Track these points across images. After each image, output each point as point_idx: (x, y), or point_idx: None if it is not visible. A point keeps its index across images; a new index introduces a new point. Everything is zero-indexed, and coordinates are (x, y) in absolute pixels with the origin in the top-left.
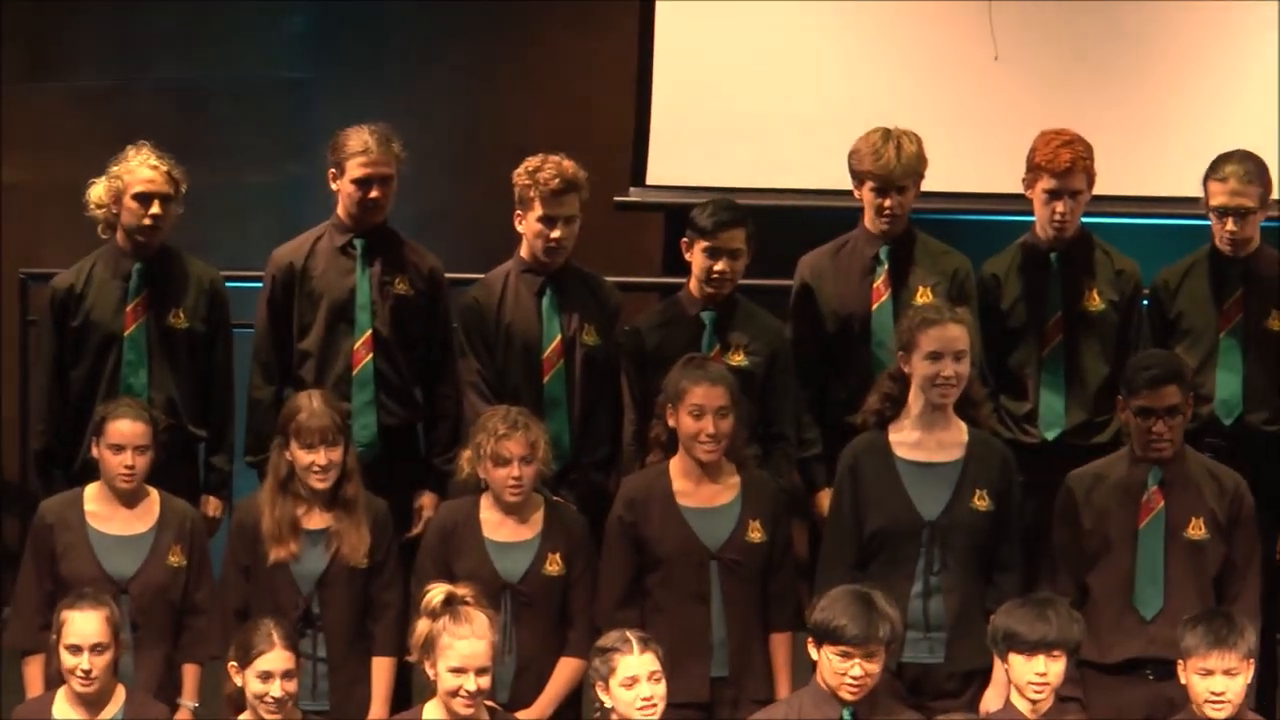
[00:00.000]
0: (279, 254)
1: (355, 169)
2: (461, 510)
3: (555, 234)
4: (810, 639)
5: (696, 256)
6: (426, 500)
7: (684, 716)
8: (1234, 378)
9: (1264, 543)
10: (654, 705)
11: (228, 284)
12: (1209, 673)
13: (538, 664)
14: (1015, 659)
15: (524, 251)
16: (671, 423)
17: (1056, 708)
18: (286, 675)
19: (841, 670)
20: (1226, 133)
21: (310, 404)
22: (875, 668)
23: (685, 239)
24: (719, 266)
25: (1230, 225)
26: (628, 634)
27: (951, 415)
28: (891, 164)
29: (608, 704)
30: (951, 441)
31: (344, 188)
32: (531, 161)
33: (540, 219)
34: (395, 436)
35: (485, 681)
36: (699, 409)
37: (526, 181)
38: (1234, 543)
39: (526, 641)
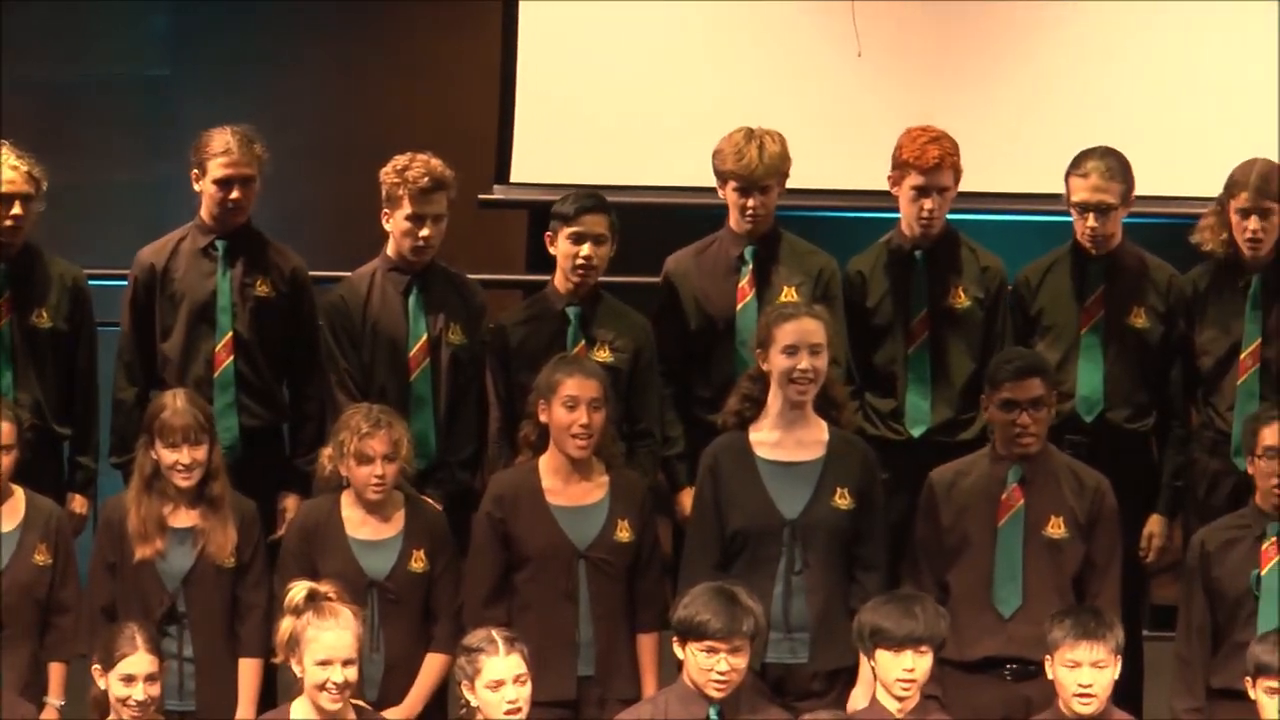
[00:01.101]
0: (141, 255)
1: (217, 170)
2: (322, 509)
3: (423, 233)
4: (675, 637)
5: (561, 245)
6: (290, 502)
7: (550, 715)
8: (1095, 375)
9: (1126, 539)
10: (519, 709)
11: (95, 283)
12: (1076, 665)
13: (405, 661)
14: (882, 655)
15: (391, 250)
16: (544, 418)
17: (921, 705)
18: (149, 679)
19: (707, 666)
20: (1091, 128)
21: (174, 403)
22: (741, 663)
23: (549, 231)
24: (584, 252)
25: (1092, 222)
26: (494, 634)
27: (812, 414)
28: (754, 164)
29: (473, 702)
30: (812, 440)
31: (206, 189)
32: (400, 160)
33: (408, 217)
34: (258, 438)
35: (352, 673)
36: (573, 400)
37: (395, 180)
38: (1094, 542)
39: (393, 639)
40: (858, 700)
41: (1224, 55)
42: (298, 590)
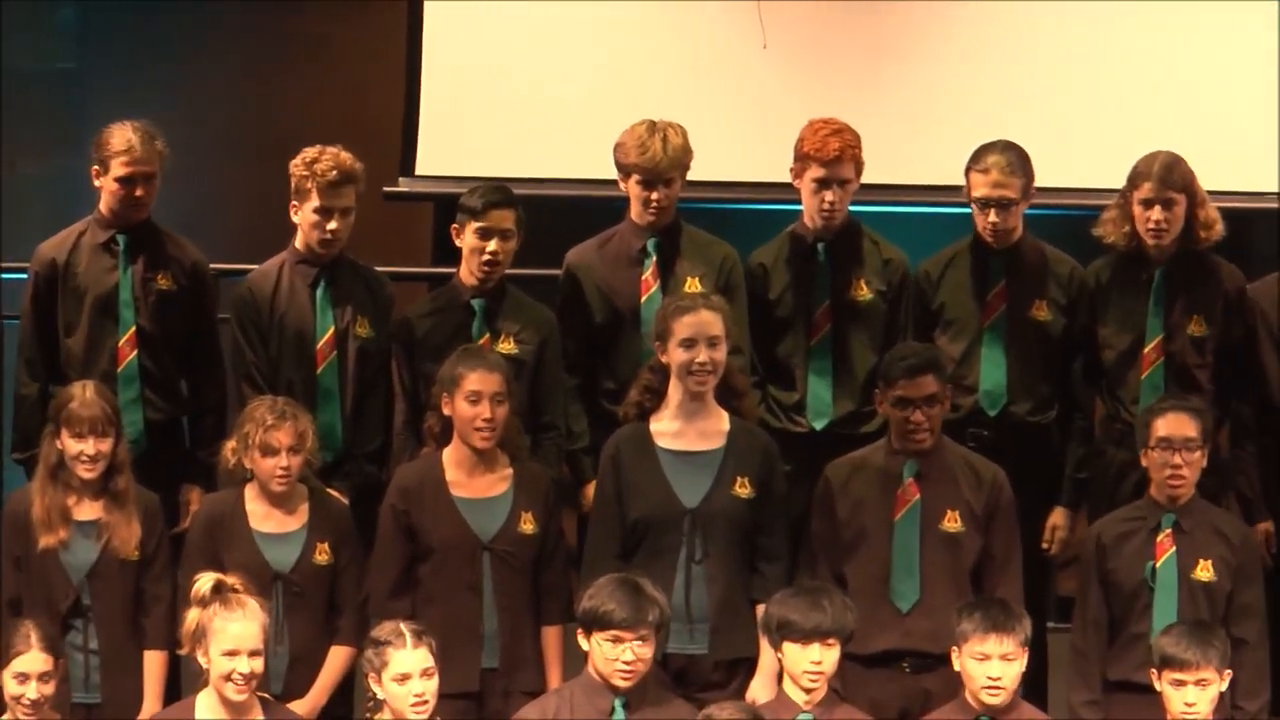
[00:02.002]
0: (42, 250)
1: (118, 167)
2: (226, 502)
3: (331, 225)
4: (580, 629)
5: (467, 239)
6: (192, 495)
7: (455, 707)
8: (997, 369)
9: (1030, 533)
10: (425, 702)
11: (2, 275)
12: (985, 657)
13: (310, 654)
14: (789, 648)
15: (299, 243)
16: (447, 411)
17: (828, 697)
18: (43, 678)
19: (613, 656)
20: (993, 121)
21: (83, 394)
22: (647, 652)
23: (456, 224)
24: (490, 247)
25: (992, 216)
26: (402, 627)
27: (712, 404)
28: (657, 157)
29: (380, 695)
30: (712, 430)
31: (107, 185)
32: (309, 153)
33: (316, 210)
34: (161, 431)
35: (258, 665)
36: (475, 395)
37: (303, 173)
38: (992, 535)
39: (298, 632)
40: (757, 691)
41: (1123, 48)
42: (204, 581)
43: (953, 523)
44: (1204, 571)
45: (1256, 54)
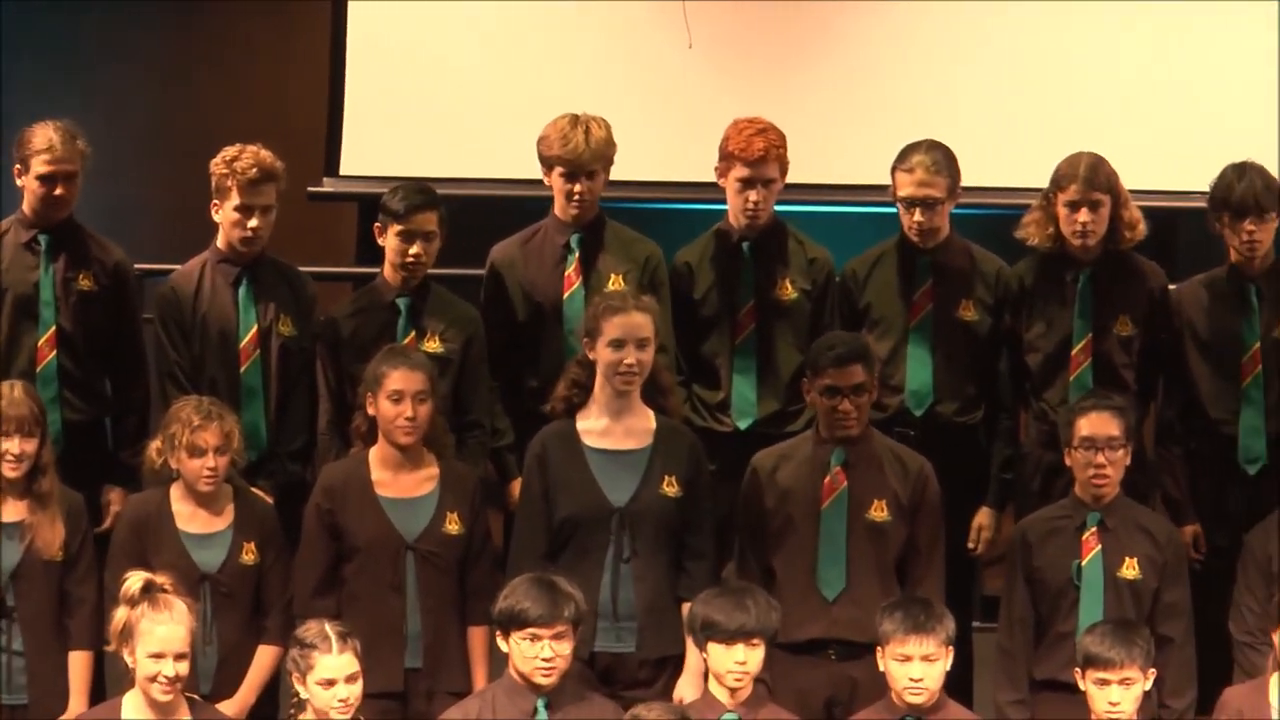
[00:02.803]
0: None
1: (39, 166)
2: (151, 503)
3: (252, 224)
4: (498, 631)
5: (390, 241)
6: (114, 495)
7: (378, 706)
8: (924, 368)
9: (956, 532)
10: (350, 706)
11: None
12: (907, 658)
13: (238, 654)
14: (714, 648)
15: (220, 242)
16: (371, 410)
17: (754, 696)
18: None
19: (532, 654)
20: (920, 120)
21: (11, 392)
22: (565, 649)
23: (378, 224)
24: (413, 250)
25: (918, 216)
26: (328, 629)
27: (638, 403)
28: (580, 148)
29: (304, 695)
30: (639, 429)
31: (28, 184)
32: (229, 151)
33: (237, 208)
34: (81, 432)
35: (183, 667)
36: (398, 394)
37: (224, 171)
38: (917, 525)
39: (227, 632)
40: (684, 689)
41: (1048, 47)
42: (134, 581)
43: (879, 512)
44: (1130, 570)
45: (1179, 50)
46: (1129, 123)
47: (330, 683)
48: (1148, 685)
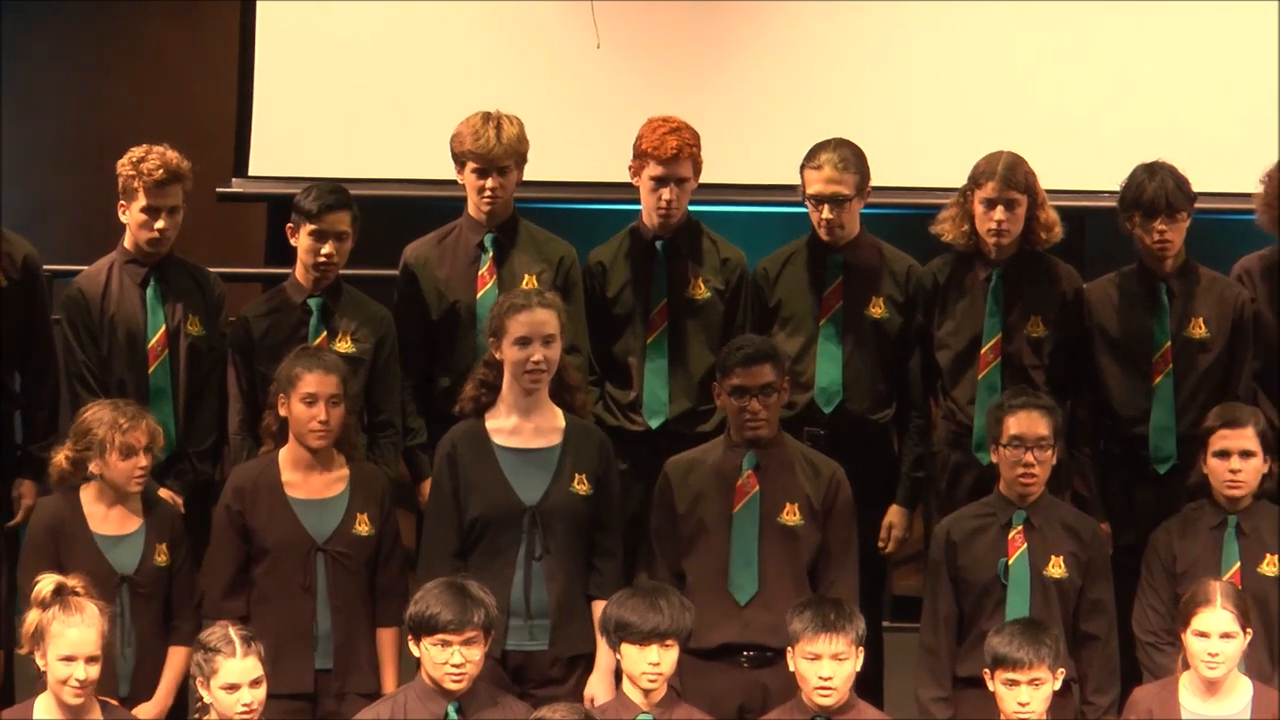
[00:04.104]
0: None
1: None
2: (64, 507)
3: (158, 224)
4: (410, 635)
5: (303, 241)
6: (25, 488)
7: (288, 707)
8: (833, 366)
9: (866, 531)
10: (252, 711)
11: None
12: (817, 657)
13: (155, 655)
14: (627, 649)
15: (128, 242)
16: (283, 412)
17: (668, 697)
18: None
19: (442, 659)
20: (832, 120)
21: None
22: (476, 654)
23: (290, 224)
24: (325, 249)
25: (827, 213)
26: (231, 633)
27: (547, 401)
28: (492, 144)
29: (208, 700)
30: (549, 427)
31: None
32: (135, 152)
33: (144, 209)
34: None
35: (95, 670)
36: (311, 396)
37: (130, 172)
38: (829, 529)
39: (144, 633)
40: (594, 688)
41: (958, 45)
42: (46, 583)
43: (791, 516)
44: (1055, 568)
45: (1086, 47)
46: (1039, 121)
47: (233, 687)
48: (1057, 685)
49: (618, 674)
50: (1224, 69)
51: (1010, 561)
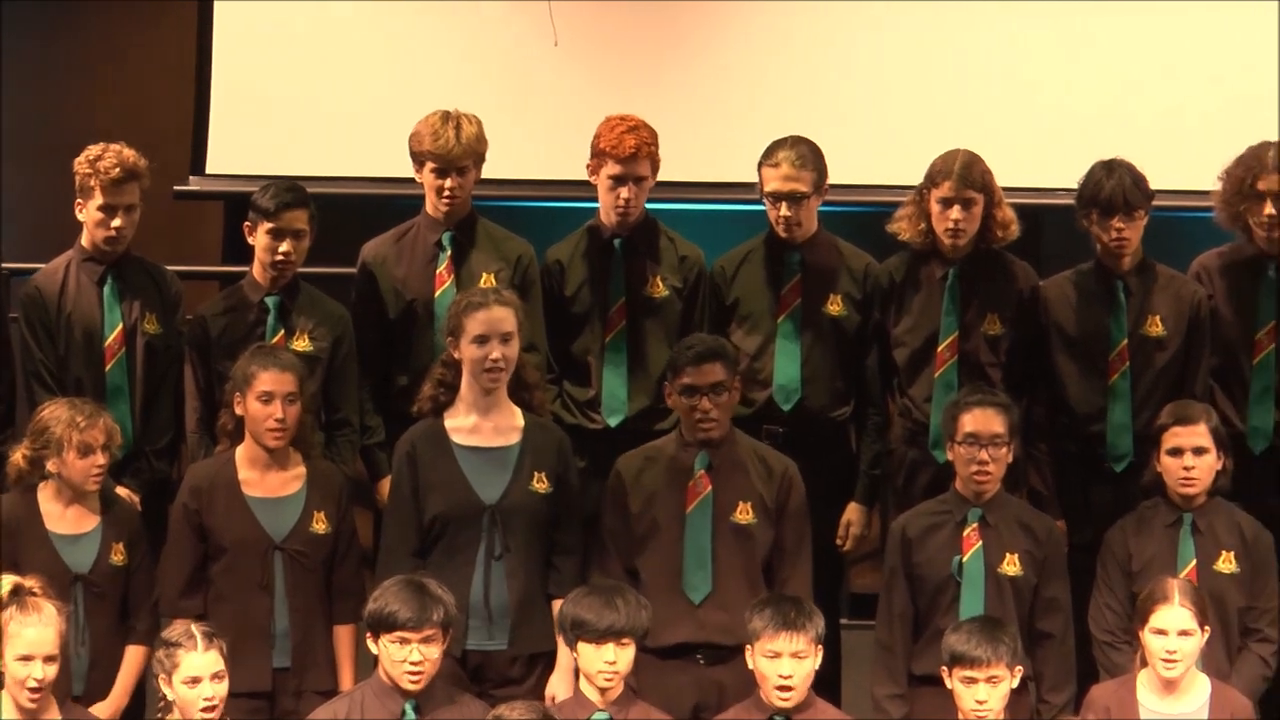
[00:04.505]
0: None
1: None
2: (20, 505)
3: (115, 223)
4: (368, 633)
5: (260, 239)
6: None
7: (246, 706)
8: (791, 363)
9: (824, 529)
10: (215, 706)
11: None
12: (777, 655)
13: (111, 655)
14: (584, 648)
15: (85, 240)
16: (239, 410)
17: (624, 695)
18: None
19: (400, 658)
20: (790, 118)
21: None
22: (434, 653)
23: (248, 223)
24: (283, 248)
25: (784, 210)
26: (193, 629)
27: (506, 400)
28: (450, 144)
29: (170, 696)
30: (508, 426)
31: None
32: (92, 150)
33: (100, 208)
34: None
35: (52, 670)
36: (267, 394)
37: (87, 170)
38: (783, 527)
39: (99, 633)
40: (555, 687)
41: (918, 45)
42: (3, 583)
43: (744, 515)
44: (1010, 566)
45: (1043, 45)
46: (996, 119)
47: (195, 681)
48: (1014, 683)
49: (578, 672)
50: (1182, 66)
51: (965, 559)
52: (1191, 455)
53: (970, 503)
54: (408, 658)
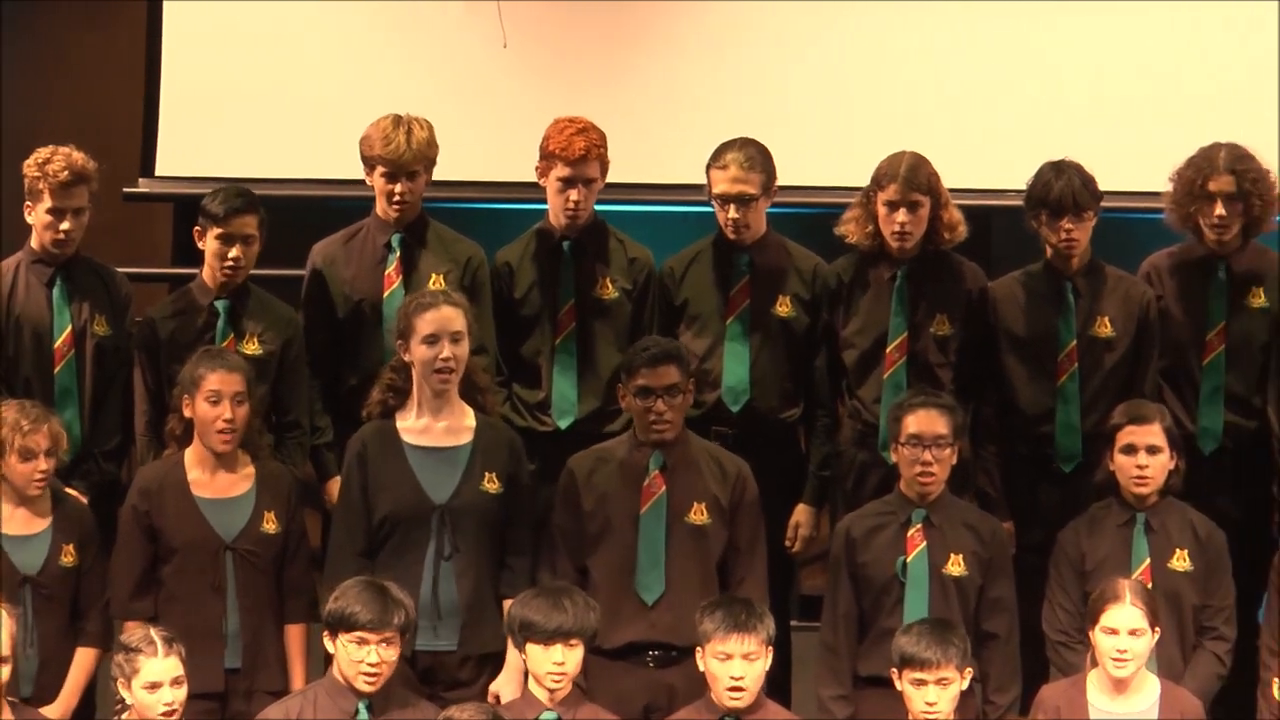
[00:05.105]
0: None
1: None
2: None
3: (64, 225)
4: (325, 631)
5: (210, 244)
6: None
7: (198, 707)
8: (740, 365)
9: (774, 531)
10: (174, 711)
11: None
12: (728, 657)
13: (59, 657)
14: (532, 649)
15: (34, 243)
16: (188, 412)
17: (572, 695)
18: None
19: (358, 658)
20: (739, 119)
21: None
22: (391, 655)
23: (198, 227)
24: (232, 253)
25: (733, 212)
26: (153, 634)
27: (457, 400)
28: (401, 149)
29: (129, 700)
30: (459, 426)
31: None
32: (41, 153)
33: (49, 210)
34: None
35: (5, 672)
36: (216, 395)
37: (36, 173)
38: (737, 527)
39: (47, 635)
40: (503, 687)
41: (867, 46)
42: None
43: (699, 515)
44: (955, 566)
45: (992, 46)
46: (944, 120)
47: (155, 686)
48: (964, 685)
49: (527, 673)
50: (1132, 68)
51: (909, 559)
52: (1145, 454)
53: (914, 504)
54: (365, 659)
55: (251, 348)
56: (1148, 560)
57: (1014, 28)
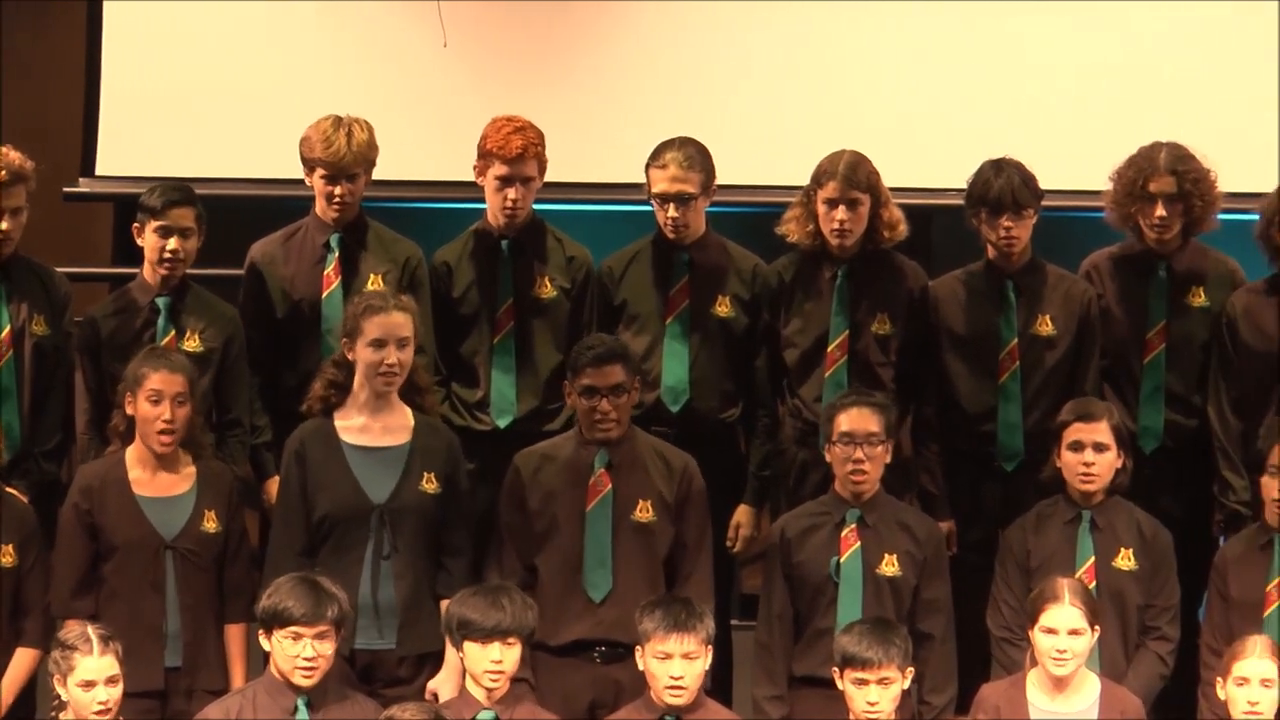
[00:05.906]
0: None
1: None
2: None
3: (2, 225)
4: (261, 629)
5: (148, 238)
6: None
7: (138, 706)
8: (680, 365)
9: (715, 531)
10: (109, 710)
11: None
12: (668, 656)
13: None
14: (470, 647)
15: None
16: (130, 410)
17: (511, 693)
18: None
19: (293, 653)
20: (677, 118)
21: None
22: (327, 649)
23: (137, 223)
24: (171, 245)
25: (672, 211)
26: (89, 632)
27: (397, 400)
28: (342, 151)
29: (64, 697)
30: (398, 426)
31: None
32: None
33: None
34: None
35: None
36: (157, 395)
37: None
38: (683, 522)
39: None
40: (441, 686)
41: (807, 45)
42: None
43: (645, 513)
44: (889, 566)
45: (932, 44)
46: (885, 119)
47: (90, 684)
48: (906, 684)
49: (464, 674)
50: (1072, 66)
51: (842, 560)
52: (1092, 451)
53: (849, 503)
54: (301, 653)
55: (192, 344)
56: (1093, 558)
57: (953, 27)
